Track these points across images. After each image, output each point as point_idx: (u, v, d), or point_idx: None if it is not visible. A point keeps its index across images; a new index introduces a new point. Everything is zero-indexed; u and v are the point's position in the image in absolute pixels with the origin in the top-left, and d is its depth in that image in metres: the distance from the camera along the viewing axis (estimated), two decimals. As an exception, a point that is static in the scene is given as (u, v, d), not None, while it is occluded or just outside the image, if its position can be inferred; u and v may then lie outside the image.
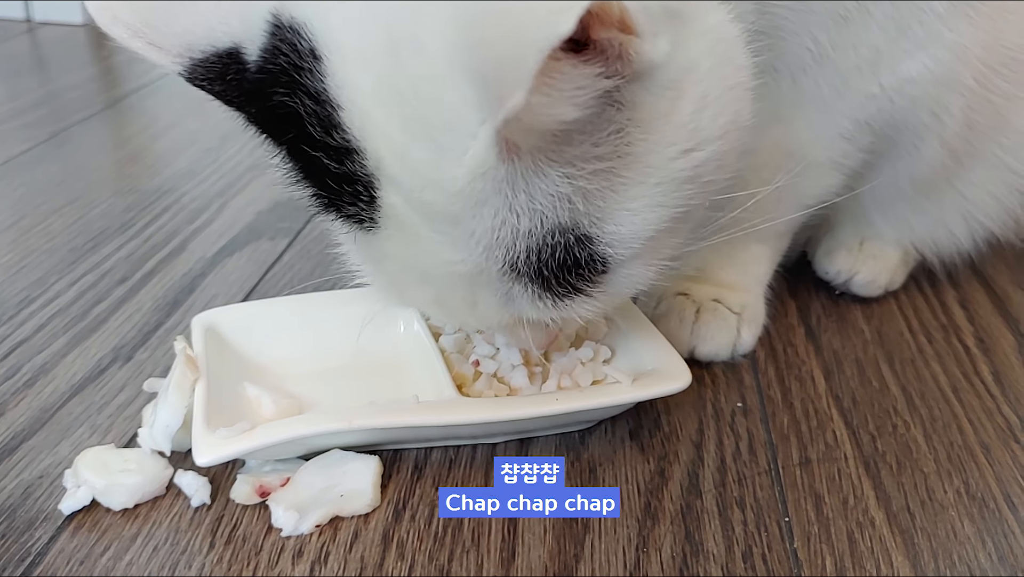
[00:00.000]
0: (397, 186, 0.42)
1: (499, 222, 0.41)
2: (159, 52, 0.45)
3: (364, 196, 0.43)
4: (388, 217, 0.44)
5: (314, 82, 0.42)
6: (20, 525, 0.50)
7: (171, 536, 0.50)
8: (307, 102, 0.42)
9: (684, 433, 0.59)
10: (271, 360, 0.61)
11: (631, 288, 0.47)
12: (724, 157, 0.43)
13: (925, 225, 0.72)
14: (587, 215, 0.42)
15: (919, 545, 0.51)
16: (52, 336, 0.69)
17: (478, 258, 0.42)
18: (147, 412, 0.57)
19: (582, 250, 0.43)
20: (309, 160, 0.44)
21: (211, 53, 0.45)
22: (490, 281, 0.44)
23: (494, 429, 0.56)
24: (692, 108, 0.41)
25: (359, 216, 0.44)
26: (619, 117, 0.40)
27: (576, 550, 0.49)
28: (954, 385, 0.65)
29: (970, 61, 0.59)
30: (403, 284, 0.48)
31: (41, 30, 1.67)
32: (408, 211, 0.43)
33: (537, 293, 0.44)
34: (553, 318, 0.46)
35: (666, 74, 0.40)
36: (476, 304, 0.46)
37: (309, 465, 0.53)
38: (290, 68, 0.42)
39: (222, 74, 0.45)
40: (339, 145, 0.42)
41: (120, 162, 1.10)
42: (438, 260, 0.44)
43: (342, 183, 0.43)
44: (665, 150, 0.41)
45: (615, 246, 0.43)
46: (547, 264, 0.43)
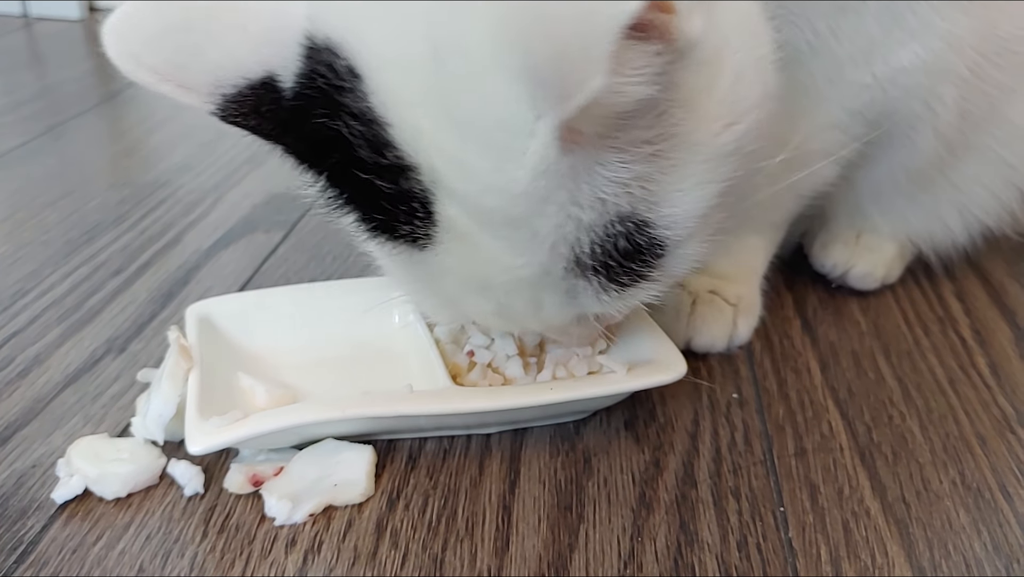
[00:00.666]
0: (455, 197, 0.41)
1: (564, 218, 0.40)
2: (189, 93, 0.43)
3: (420, 213, 0.42)
4: (446, 231, 0.43)
5: (357, 102, 0.41)
6: (12, 514, 0.50)
7: (164, 525, 0.50)
8: (352, 123, 0.41)
9: (679, 423, 0.59)
10: (265, 350, 0.61)
11: (688, 267, 0.46)
12: (760, 125, 0.43)
13: (920, 218, 0.72)
14: (643, 200, 0.41)
15: (914, 535, 0.50)
16: (46, 327, 0.68)
17: (543, 258, 0.42)
18: (140, 402, 0.57)
19: (642, 236, 0.42)
20: (356, 184, 0.43)
21: (243, 86, 0.43)
22: (555, 281, 0.43)
23: (488, 419, 0.56)
24: (729, 82, 0.41)
25: (414, 235, 0.43)
26: (663, 98, 0.39)
27: (570, 539, 0.49)
28: (950, 377, 0.65)
29: (964, 51, 0.59)
30: (461, 298, 0.47)
31: (37, 25, 1.67)
32: (467, 221, 0.42)
33: (602, 286, 0.44)
34: (619, 309, 0.46)
35: (702, 51, 0.39)
36: (540, 307, 0.45)
37: (302, 455, 0.53)
38: (329, 90, 0.41)
39: (256, 107, 0.44)
40: (391, 164, 0.41)
41: (116, 156, 1.10)
42: (500, 267, 0.43)
43: (396, 203, 0.42)
44: (709, 126, 0.41)
45: (672, 227, 0.43)
46: (610, 255, 0.42)
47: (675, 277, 0.47)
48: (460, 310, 0.48)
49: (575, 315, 0.47)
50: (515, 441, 0.57)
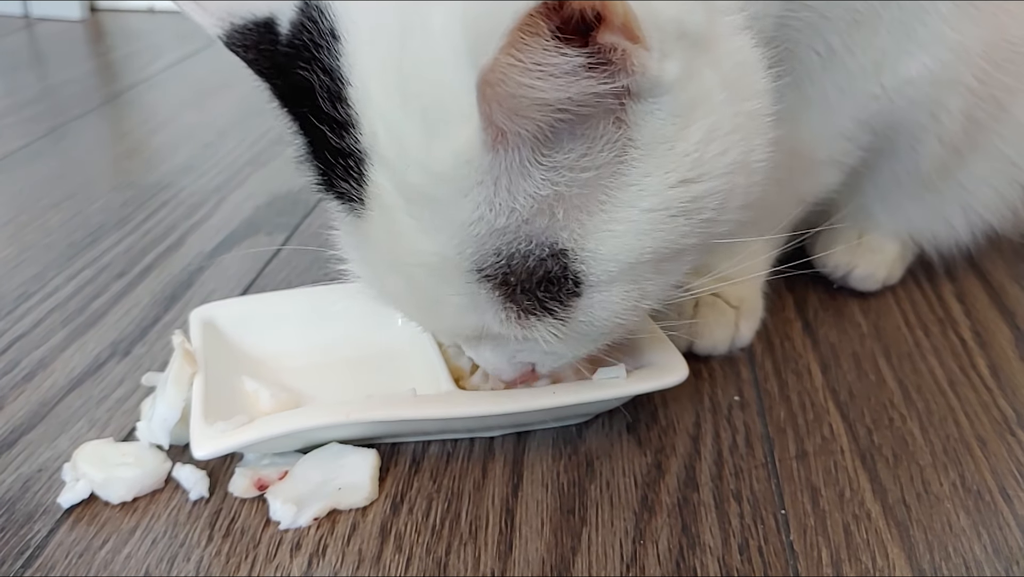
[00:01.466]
0: (386, 165, 0.42)
1: (476, 216, 0.40)
2: (204, 14, 0.47)
3: (355, 172, 0.44)
4: (373, 198, 0.44)
5: (330, 59, 0.43)
6: (19, 518, 0.51)
7: (169, 529, 0.50)
8: (321, 76, 0.43)
9: (681, 426, 0.59)
10: (269, 354, 0.61)
11: (604, 319, 0.45)
12: (727, 197, 0.42)
13: (924, 216, 0.73)
14: (567, 228, 0.41)
15: (915, 537, 0.51)
16: (50, 331, 0.69)
17: (449, 250, 0.42)
18: (145, 406, 0.57)
19: (555, 264, 0.42)
20: (314, 133, 0.45)
21: (249, 20, 0.47)
22: (457, 278, 0.43)
23: (492, 422, 0.56)
24: (698, 138, 0.40)
25: (349, 195, 0.45)
26: (618, 134, 0.40)
27: (573, 543, 0.50)
28: (951, 378, 0.65)
29: (971, 60, 0.60)
30: (379, 273, 0.48)
31: (39, 26, 1.67)
32: (392, 193, 0.43)
33: (502, 302, 0.43)
34: (516, 336, 0.45)
35: (675, 99, 0.39)
36: (441, 303, 0.45)
37: (307, 459, 0.53)
38: (311, 44, 0.44)
39: (256, 43, 0.47)
40: (342, 119, 0.43)
41: (118, 157, 1.10)
42: (411, 248, 0.43)
43: (338, 157, 0.44)
44: (662, 176, 0.41)
45: (590, 265, 0.42)
46: (516, 271, 0.42)
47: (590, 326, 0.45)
48: (379, 285, 0.49)
49: (476, 326, 0.46)
50: (518, 444, 0.57)
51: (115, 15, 1.73)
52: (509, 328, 0.44)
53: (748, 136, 0.43)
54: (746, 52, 0.43)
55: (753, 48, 0.44)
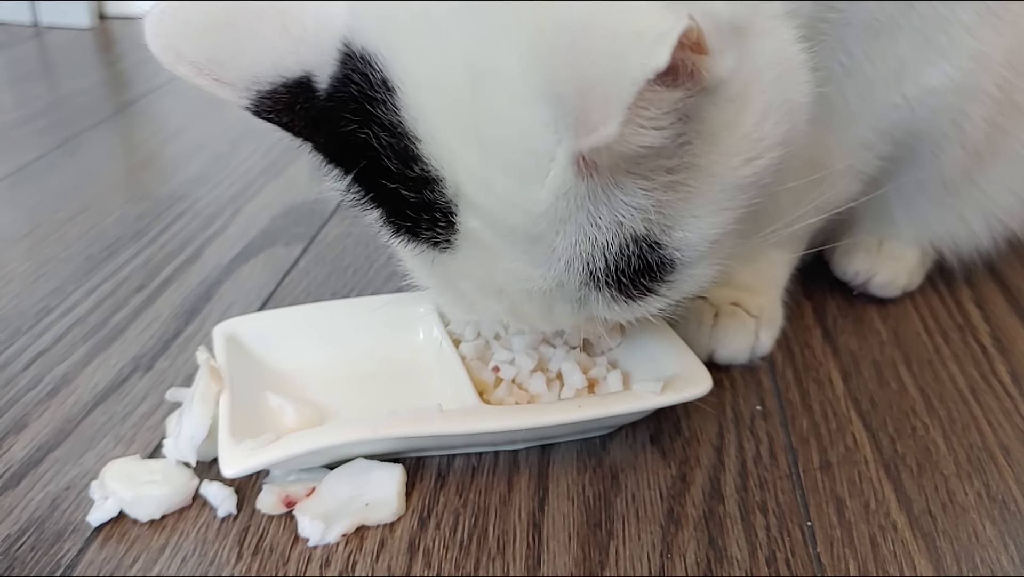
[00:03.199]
0: (477, 211, 0.43)
1: (581, 237, 0.42)
2: (225, 88, 0.44)
3: (442, 223, 0.44)
4: (465, 239, 0.45)
5: (388, 114, 0.42)
6: (49, 537, 0.51)
7: (199, 547, 0.50)
8: (381, 134, 0.42)
9: (704, 437, 0.59)
10: (292, 368, 0.61)
11: (696, 286, 0.48)
12: (782, 161, 0.44)
13: (946, 222, 0.72)
14: (658, 224, 0.43)
15: (941, 548, 0.51)
16: (72, 346, 0.69)
17: (559, 273, 0.44)
18: (171, 422, 0.58)
19: (654, 255, 0.44)
20: (383, 188, 0.44)
21: (279, 84, 0.45)
22: (568, 292, 0.45)
23: (517, 436, 0.56)
24: (755, 119, 0.42)
25: (435, 240, 0.45)
26: (686, 129, 0.40)
27: (601, 557, 0.50)
28: (972, 386, 0.65)
29: (992, 68, 0.60)
30: (476, 299, 0.49)
31: (48, 34, 1.67)
32: (488, 234, 0.44)
33: (613, 298, 0.45)
34: (627, 318, 0.48)
35: (731, 87, 0.40)
36: (551, 311, 0.47)
37: (334, 474, 0.53)
38: (361, 98, 0.43)
39: (291, 104, 0.45)
40: (418, 176, 0.43)
41: (132, 168, 1.10)
42: (517, 277, 0.45)
43: (420, 211, 0.44)
44: (729, 160, 0.42)
45: (684, 250, 0.44)
46: (623, 271, 0.44)
47: (686, 293, 0.48)
48: (475, 308, 0.50)
49: (585, 319, 0.48)
50: (543, 457, 0.57)
51: (124, 22, 1.73)
52: (620, 314, 0.47)
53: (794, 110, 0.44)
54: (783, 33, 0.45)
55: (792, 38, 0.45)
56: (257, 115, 0.45)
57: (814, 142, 0.47)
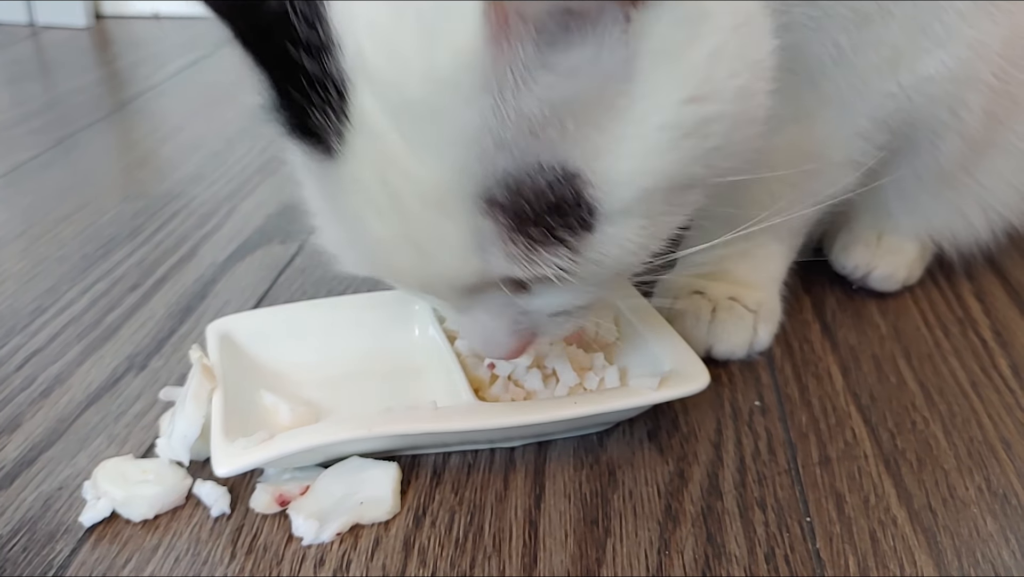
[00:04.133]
0: (374, 83, 0.38)
1: (481, 127, 0.37)
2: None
3: (335, 100, 0.39)
4: (358, 127, 0.40)
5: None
6: (41, 538, 0.50)
7: (192, 547, 0.50)
8: (297, 1, 0.38)
9: (702, 433, 0.59)
10: (286, 366, 0.61)
11: (617, 257, 0.42)
12: (734, 125, 0.41)
13: (944, 216, 0.72)
14: (578, 145, 0.39)
15: (942, 544, 0.50)
16: (66, 345, 0.69)
17: (452, 170, 0.39)
18: (164, 421, 0.57)
19: (568, 189, 0.39)
20: (286, 67, 0.40)
21: None
22: (459, 208, 0.40)
23: (513, 433, 0.56)
24: (706, 53, 0.39)
25: (325, 129, 0.40)
26: (625, 40, 0.38)
27: (598, 554, 0.49)
28: (972, 380, 0.64)
29: (990, 57, 0.59)
30: (361, 220, 0.43)
31: (44, 34, 1.67)
32: (382, 115, 0.39)
33: (510, 234, 0.40)
34: (524, 276, 0.42)
35: (681, 8, 0.38)
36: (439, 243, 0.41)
37: (328, 473, 0.53)
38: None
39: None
40: (320, 43, 0.38)
41: (128, 167, 1.10)
42: (407, 175, 0.39)
43: (314, 86, 0.39)
44: (672, 90, 0.39)
45: (604, 189, 0.40)
46: (527, 197, 0.39)
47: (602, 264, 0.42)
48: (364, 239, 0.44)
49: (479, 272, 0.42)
50: (539, 454, 0.57)
51: (120, 22, 1.73)
52: (516, 265, 0.41)
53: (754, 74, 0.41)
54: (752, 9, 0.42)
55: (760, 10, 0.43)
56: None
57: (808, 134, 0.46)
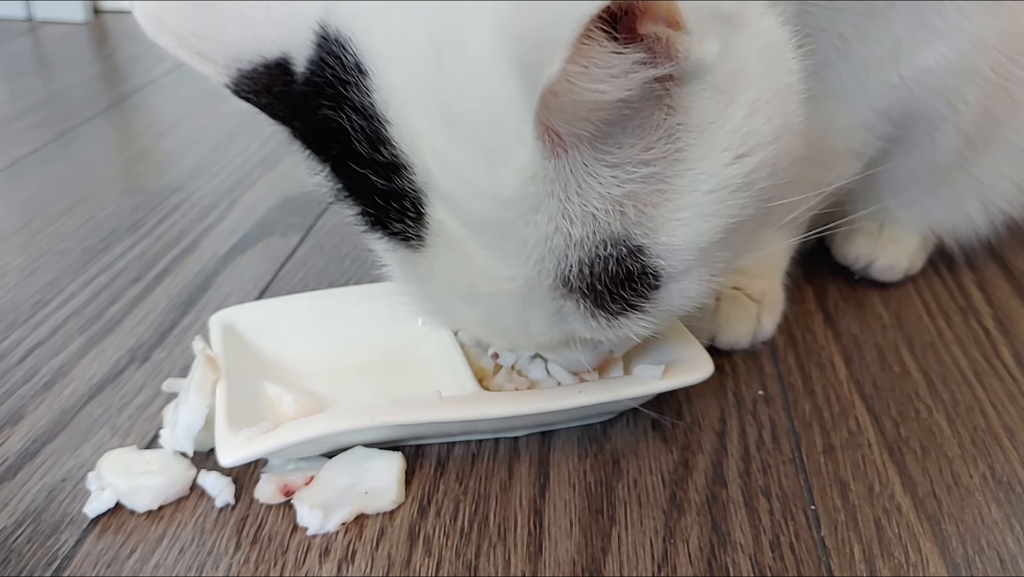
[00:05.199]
0: (445, 200, 0.41)
1: (552, 229, 0.40)
2: (206, 63, 0.44)
3: (411, 213, 0.43)
4: (436, 234, 0.43)
5: (360, 96, 0.41)
6: (46, 529, 0.50)
7: (197, 537, 0.50)
8: (353, 117, 0.41)
9: (706, 422, 0.59)
10: (290, 357, 0.61)
11: (685, 304, 0.45)
12: (776, 162, 0.42)
13: (942, 210, 0.72)
14: (639, 224, 0.41)
15: (947, 531, 0.50)
16: (68, 338, 0.69)
17: (529, 272, 0.41)
18: (167, 412, 0.57)
19: (635, 262, 0.41)
20: (355, 177, 0.43)
21: (259, 64, 0.44)
22: (541, 298, 0.43)
23: (517, 423, 0.56)
24: (744, 112, 0.40)
25: (406, 234, 0.44)
26: (670, 121, 0.39)
27: (603, 543, 0.49)
28: (975, 368, 0.64)
29: (988, 51, 0.60)
30: (450, 305, 0.47)
31: (43, 29, 1.66)
32: (456, 226, 0.42)
33: (590, 310, 0.43)
34: (608, 338, 0.45)
35: (717, 77, 0.39)
36: (527, 323, 0.45)
37: (333, 463, 0.53)
38: (335, 82, 0.42)
39: (269, 86, 0.44)
40: (387, 161, 0.41)
41: (128, 161, 1.10)
42: (487, 277, 0.42)
43: (389, 200, 0.43)
44: (718, 156, 0.40)
45: (667, 257, 0.42)
46: (599, 278, 0.41)
47: (672, 314, 0.45)
48: (450, 316, 0.48)
49: (564, 336, 0.46)
50: (543, 444, 0.56)
51: (119, 16, 1.72)
52: (599, 331, 0.44)
53: (787, 101, 0.42)
54: (775, 30, 0.43)
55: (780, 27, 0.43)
56: (237, 95, 0.45)
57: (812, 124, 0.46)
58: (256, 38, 0.44)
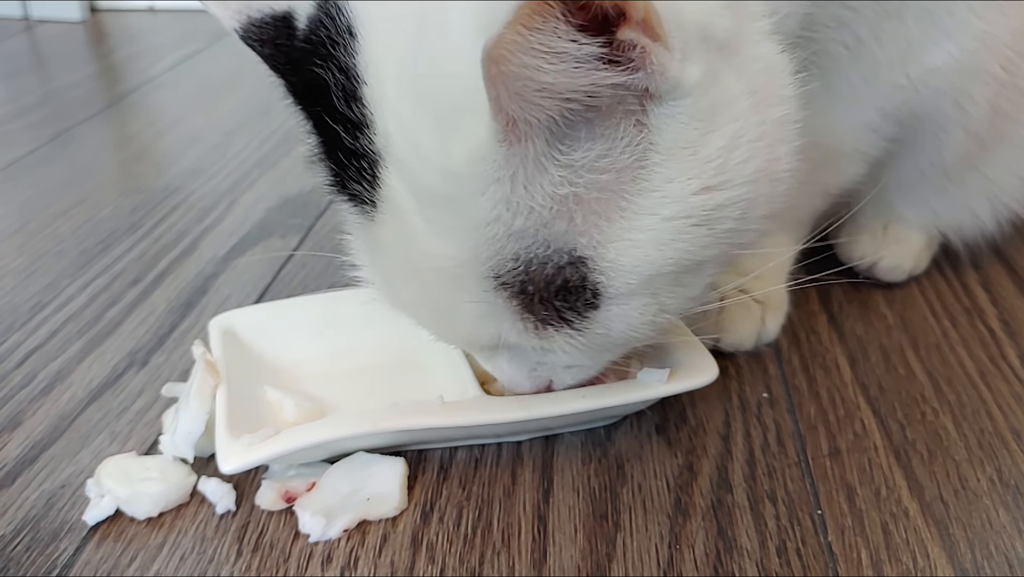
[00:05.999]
0: (399, 166, 0.42)
1: (493, 216, 0.39)
2: (222, 7, 0.46)
3: (368, 174, 0.43)
4: (387, 201, 0.43)
5: (346, 57, 0.42)
6: (45, 537, 0.50)
7: (197, 545, 0.49)
8: (337, 75, 0.43)
9: (711, 426, 0.58)
10: (290, 361, 0.60)
11: (624, 333, 0.44)
12: (750, 206, 0.41)
13: (949, 209, 0.72)
14: (586, 233, 0.40)
15: (955, 536, 0.50)
16: (67, 341, 0.68)
17: (465, 253, 0.41)
18: (167, 417, 0.57)
19: (574, 273, 0.41)
20: (328, 133, 0.44)
21: (267, 15, 0.46)
22: (472, 284, 0.42)
23: (520, 427, 0.55)
24: (722, 144, 0.39)
25: (362, 197, 0.44)
26: (639, 137, 0.39)
27: (608, 549, 0.49)
28: (981, 370, 0.64)
29: (998, 49, 0.59)
30: (393, 279, 0.47)
31: (39, 28, 1.66)
32: (406, 195, 0.42)
33: (519, 311, 0.42)
34: (533, 347, 0.45)
35: (697, 103, 0.38)
36: (456, 310, 0.44)
37: (334, 469, 0.52)
38: (328, 42, 0.43)
39: (273, 38, 0.46)
40: (356, 119, 0.42)
41: (126, 161, 1.09)
42: (426, 252, 0.42)
43: (351, 158, 0.43)
44: (684, 183, 0.39)
45: (610, 276, 0.41)
46: (533, 278, 0.41)
47: (604, 342, 0.44)
48: (393, 292, 0.48)
49: (492, 336, 0.45)
50: (546, 448, 0.56)
51: (115, 15, 1.71)
52: (526, 338, 0.44)
53: (773, 144, 0.41)
54: (772, 58, 0.43)
55: (780, 54, 0.43)
56: (244, 40, 0.47)
57: (817, 125, 0.46)
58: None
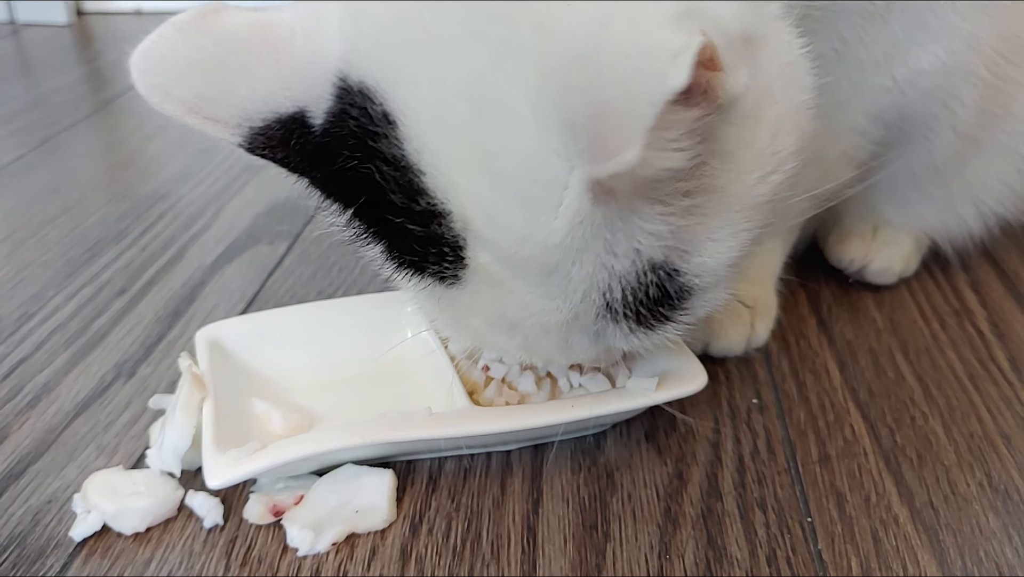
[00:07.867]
0: (487, 245, 0.41)
1: (598, 266, 0.40)
2: (216, 126, 0.43)
3: (450, 257, 0.43)
4: (476, 274, 0.43)
5: (390, 148, 0.41)
6: (31, 554, 0.49)
7: (185, 560, 0.49)
8: (385, 169, 0.41)
9: (700, 433, 0.58)
10: (277, 372, 0.60)
11: (711, 308, 0.46)
12: (796, 173, 0.42)
13: (936, 213, 0.72)
14: (676, 249, 0.41)
15: (945, 542, 0.50)
16: (53, 353, 0.67)
17: (575, 304, 0.42)
18: (154, 430, 0.56)
19: (672, 283, 0.42)
20: (385, 224, 0.43)
21: (272, 120, 0.43)
22: (584, 324, 0.44)
23: (509, 437, 0.55)
24: (769, 134, 0.40)
25: (442, 274, 0.44)
26: (701, 150, 0.38)
27: (598, 560, 0.49)
28: (970, 373, 0.64)
29: (984, 51, 0.59)
30: (488, 335, 0.47)
31: (25, 31, 1.65)
32: (499, 268, 0.42)
33: (631, 328, 0.44)
34: (645, 346, 0.46)
35: (745, 104, 0.39)
36: (569, 346, 0.46)
37: (322, 481, 0.52)
38: (361, 133, 0.42)
39: (285, 140, 0.44)
40: (424, 210, 0.41)
41: (113, 167, 1.08)
42: (532, 311, 0.43)
43: (427, 246, 0.43)
44: (746, 178, 0.40)
45: (702, 276, 0.43)
46: (642, 301, 0.42)
47: (699, 318, 0.46)
48: (487, 344, 0.49)
49: (602, 351, 0.47)
50: (536, 458, 0.56)
51: (102, 18, 1.70)
52: (638, 344, 0.46)
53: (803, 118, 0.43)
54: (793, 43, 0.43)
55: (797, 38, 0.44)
56: (250, 152, 0.44)
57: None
58: (268, 95, 0.43)
